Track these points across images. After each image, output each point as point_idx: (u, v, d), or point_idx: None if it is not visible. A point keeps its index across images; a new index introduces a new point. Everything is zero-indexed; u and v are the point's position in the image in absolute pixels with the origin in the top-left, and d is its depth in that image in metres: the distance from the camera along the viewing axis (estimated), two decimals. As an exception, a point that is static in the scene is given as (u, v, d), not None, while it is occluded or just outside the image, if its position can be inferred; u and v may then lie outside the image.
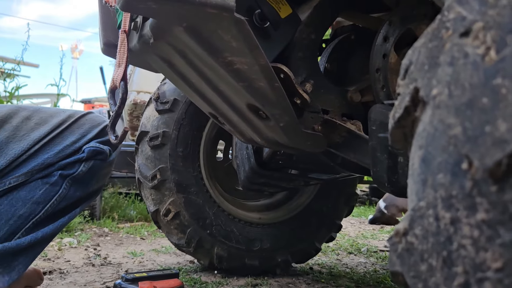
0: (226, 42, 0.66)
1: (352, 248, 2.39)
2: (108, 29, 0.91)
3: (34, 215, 0.93)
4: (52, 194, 0.95)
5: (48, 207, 0.95)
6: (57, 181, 0.96)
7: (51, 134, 0.97)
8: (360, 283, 1.62)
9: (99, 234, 2.61)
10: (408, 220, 0.34)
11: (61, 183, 0.96)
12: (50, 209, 0.95)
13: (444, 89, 0.33)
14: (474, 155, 0.29)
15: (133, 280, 1.21)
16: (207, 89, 0.84)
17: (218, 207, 1.63)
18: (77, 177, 0.98)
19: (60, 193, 0.96)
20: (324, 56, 1.06)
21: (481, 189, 0.28)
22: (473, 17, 0.33)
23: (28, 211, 0.93)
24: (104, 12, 0.87)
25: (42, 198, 0.94)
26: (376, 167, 0.78)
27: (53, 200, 0.95)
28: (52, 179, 0.96)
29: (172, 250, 2.14)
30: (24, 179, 0.94)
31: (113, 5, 0.72)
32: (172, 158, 1.57)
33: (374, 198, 5.49)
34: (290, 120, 0.85)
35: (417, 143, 0.36)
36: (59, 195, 0.96)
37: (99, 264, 1.79)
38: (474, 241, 0.28)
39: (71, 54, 11.95)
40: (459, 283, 0.29)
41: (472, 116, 0.30)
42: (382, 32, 0.88)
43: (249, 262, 1.64)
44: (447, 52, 0.34)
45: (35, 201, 0.94)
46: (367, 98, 0.98)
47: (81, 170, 0.98)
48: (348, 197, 1.83)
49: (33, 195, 0.94)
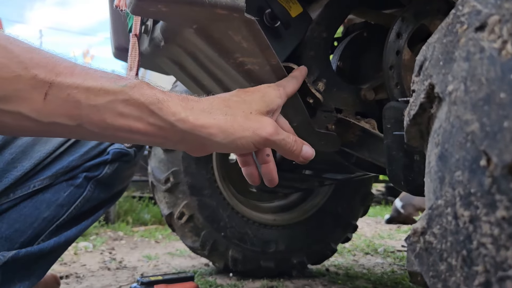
0: (237, 42, 0.66)
1: (368, 249, 2.36)
2: (119, 33, 0.92)
3: (58, 217, 0.93)
4: (77, 196, 0.95)
5: (72, 209, 0.94)
6: (82, 183, 0.95)
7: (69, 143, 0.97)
8: (377, 284, 1.60)
9: (114, 238, 2.63)
10: (426, 219, 0.34)
11: (86, 185, 0.96)
12: (74, 212, 0.95)
13: (460, 84, 0.33)
14: (492, 152, 0.28)
15: (148, 284, 1.21)
16: (218, 90, 0.84)
17: (232, 209, 1.63)
18: (102, 179, 0.97)
19: (85, 195, 0.95)
20: (336, 55, 1.05)
21: (501, 186, 0.27)
22: (488, 10, 0.32)
23: (52, 213, 0.92)
24: (115, 17, 0.87)
25: (66, 201, 0.94)
26: (392, 165, 0.77)
27: (77, 203, 0.95)
28: (77, 181, 0.95)
29: (186, 253, 2.15)
30: (49, 182, 0.93)
31: (123, 9, 0.72)
32: (185, 160, 1.57)
33: (390, 197, 5.44)
34: (303, 120, 0.84)
35: (434, 140, 0.35)
36: (84, 197, 0.95)
37: (115, 268, 1.81)
38: (495, 239, 0.27)
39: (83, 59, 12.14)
40: (479, 283, 0.28)
41: (490, 111, 0.29)
42: (394, 28, 0.86)
43: (264, 264, 1.63)
44: (463, 47, 0.34)
45: (60, 204, 0.93)
46: (381, 96, 0.97)
47: (105, 172, 0.97)
48: (364, 196, 1.81)
49: (58, 197, 0.93)
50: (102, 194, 0.98)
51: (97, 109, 0.50)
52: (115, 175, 0.99)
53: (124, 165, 1.01)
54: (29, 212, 0.91)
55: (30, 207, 0.91)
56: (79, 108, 0.50)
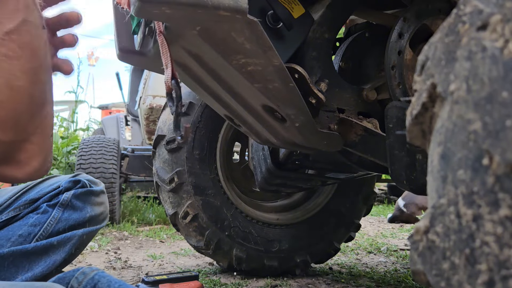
0: (240, 44, 0.66)
1: (371, 248, 2.36)
2: (123, 35, 0.92)
3: (34, 233, 1.05)
4: (46, 217, 1.07)
5: (46, 226, 1.06)
6: (45, 209, 1.08)
7: (25, 188, 1.13)
8: (380, 282, 1.61)
9: (119, 238, 2.64)
10: (428, 218, 0.34)
11: (51, 210, 1.09)
12: (49, 229, 1.06)
13: (462, 84, 0.33)
14: (495, 150, 0.29)
15: (153, 283, 1.22)
16: (222, 91, 0.84)
17: (235, 208, 1.63)
18: (66, 203, 1.10)
19: (54, 215, 1.08)
20: (338, 55, 1.05)
21: (504, 184, 0.28)
22: (490, 10, 0.32)
23: (26, 231, 1.04)
24: (119, 19, 0.88)
25: (37, 221, 1.06)
26: (394, 165, 0.77)
27: (48, 221, 1.06)
28: (40, 210, 1.09)
29: (191, 253, 2.15)
30: (14, 214, 1.07)
31: (124, 7, 0.72)
32: (189, 161, 1.58)
33: (393, 196, 5.43)
34: (306, 120, 0.84)
35: (436, 140, 0.36)
36: (53, 217, 1.07)
37: (120, 267, 1.81)
38: (498, 238, 0.28)
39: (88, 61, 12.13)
40: (483, 281, 0.28)
41: (492, 110, 0.30)
42: (396, 28, 0.87)
43: (268, 263, 1.63)
44: (465, 46, 0.34)
45: (31, 224, 1.06)
46: (383, 96, 0.97)
47: (65, 198, 1.10)
48: (367, 196, 1.81)
49: (27, 221, 1.06)
50: (73, 215, 1.10)
51: None
52: (80, 200, 1.11)
53: (86, 191, 1.13)
54: (4, 234, 1.04)
55: (4, 231, 1.04)
56: None
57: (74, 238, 1.07)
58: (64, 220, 1.08)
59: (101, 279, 0.82)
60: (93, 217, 1.13)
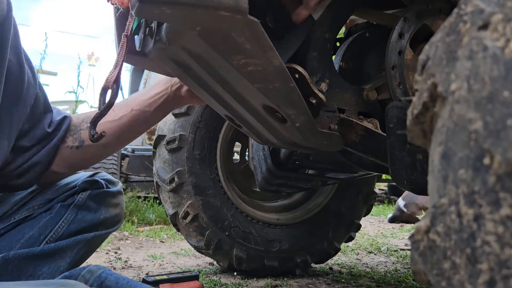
0: (240, 44, 0.66)
1: (372, 248, 2.36)
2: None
3: (44, 235, 1.03)
4: (58, 219, 1.05)
5: (57, 227, 1.04)
6: (59, 210, 1.06)
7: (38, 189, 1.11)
8: (381, 282, 1.61)
9: (119, 238, 2.64)
10: (429, 218, 0.34)
11: (65, 211, 1.06)
12: (60, 231, 1.04)
13: (463, 83, 0.33)
14: (496, 150, 0.29)
15: (154, 283, 1.22)
16: (222, 91, 0.84)
17: (236, 208, 1.63)
18: (80, 204, 1.08)
19: (66, 216, 1.06)
20: (339, 55, 1.05)
21: (505, 184, 0.28)
22: (491, 9, 0.32)
23: (37, 233, 1.03)
24: (120, 20, 0.88)
25: (48, 223, 1.04)
26: (395, 165, 0.77)
27: (60, 223, 1.05)
28: (53, 210, 1.06)
29: (191, 253, 2.15)
30: (27, 214, 1.05)
31: (115, 4, 0.73)
32: (189, 161, 1.58)
33: (393, 196, 5.43)
34: (306, 120, 0.84)
35: (437, 139, 0.36)
36: (66, 218, 1.05)
37: (120, 268, 1.81)
38: (499, 238, 0.28)
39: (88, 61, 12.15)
40: (484, 281, 0.28)
41: (493, 110, 0.30)
42: (397, 28, 0.87)
43: (268, 263, 1.63)
44: (466, 46, 0.34)
45: (42, 226, 1.04)
46: (383, 96, 0.97)
47: (80, 198, 1.08)
48: (367, 196, 1.81)
49: (39, 222, 1.04)
50: (87, 217, 1.08)
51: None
52: (95, 201, 1.09)
53: (102, 192, 1.11)
54: (13, 234, 1.02)
55: (15, 232, 1.03)
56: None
57: (82, 242, 1.05)
58: (77, 222, 1.06)
59: (108, 276, 0.82)
60: (108, 218, 1.12)
